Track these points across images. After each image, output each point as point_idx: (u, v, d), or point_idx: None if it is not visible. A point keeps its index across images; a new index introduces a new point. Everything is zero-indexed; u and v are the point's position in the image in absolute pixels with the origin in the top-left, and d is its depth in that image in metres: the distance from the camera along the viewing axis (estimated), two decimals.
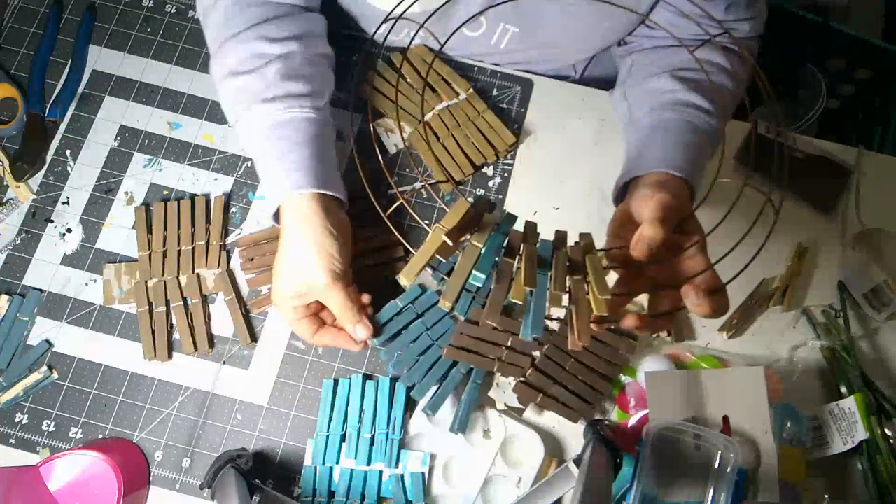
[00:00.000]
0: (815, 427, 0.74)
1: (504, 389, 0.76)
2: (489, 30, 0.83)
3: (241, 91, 0.72)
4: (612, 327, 0.76)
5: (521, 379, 0.75)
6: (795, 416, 0.73)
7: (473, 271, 0.48)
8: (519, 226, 0.55)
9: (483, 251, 0.49)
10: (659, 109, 0.71)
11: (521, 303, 0.48)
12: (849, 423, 0.72)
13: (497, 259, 0.50)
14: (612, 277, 0.59)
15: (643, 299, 0.59)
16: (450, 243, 0.48)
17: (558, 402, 0.74)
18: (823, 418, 0.74)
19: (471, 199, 0.53)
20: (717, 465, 0.69)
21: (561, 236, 0.55)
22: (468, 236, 0.51)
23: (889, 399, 0.74)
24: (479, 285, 0.48)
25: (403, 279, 0.48)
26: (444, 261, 0.50)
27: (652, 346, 0.78)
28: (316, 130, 0.71)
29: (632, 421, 0.74)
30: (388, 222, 0.56)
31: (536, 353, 0.76)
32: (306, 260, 0.67)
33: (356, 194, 0.82)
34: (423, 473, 0.73)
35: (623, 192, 0.69)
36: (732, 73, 0.74)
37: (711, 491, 0.68)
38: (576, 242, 0.56)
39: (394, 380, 0.76)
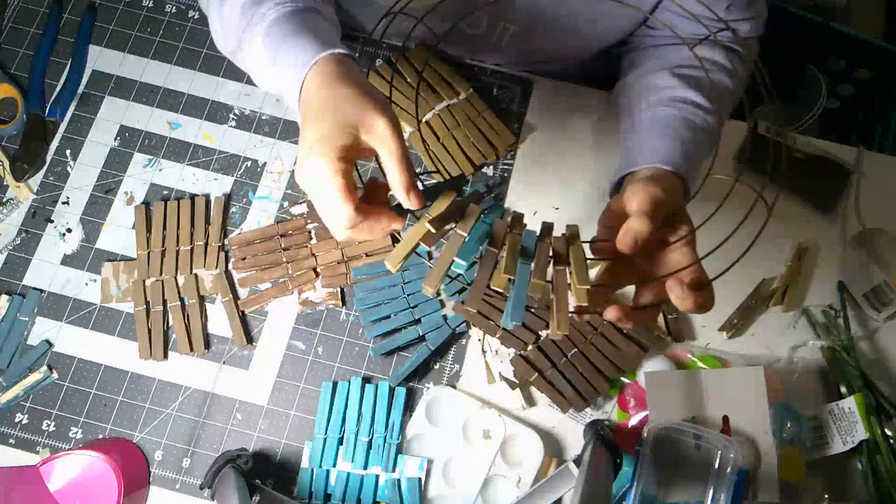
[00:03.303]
0: (815, 427, 0.74)
1: (502, 358, 0.77)
2: (489, 29, 0.83)
3: (245, 5, 0.65)
4: (624, 331, 0.76)
5: (521, 353, 0.75)
6: (795, 416, 0.73)
7: (455, 258, 0.49)
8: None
9: (466, 239, 0.50)
10: (656, 105, 0.71)
11: (502, 290, 0.48)
12: (849, 423, 0.72)
13: (481, 248, 0.51)
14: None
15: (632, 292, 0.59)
16: (433, 231, 0.48)
17: (552, 387, 0.74)
18: (823, 418, 0.74)
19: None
20: (717, 465, 0.69)
21: (547, 227, 0.55)
22: (453, 225, 0.51)
23: (889, 399, 0.74)
24: (462, 272, 0.49)
25: (388, 265, 0.49)
26: (429, 249, 0.50)
27: (652, 345, 0.77)
28: (319, 18, 0.64)
29: (632, 421, 0.74)
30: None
31: (543, 333, 0.76)
32: (355, 99, 0.53)
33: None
34: (419, 479, 0.73)
35: (619, 187, 0.69)
36: (732, 71, 0.74)
37: (711, 491, 0.68)
38: (562, 234, 0.56)
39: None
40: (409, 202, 0.53)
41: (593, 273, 0.55)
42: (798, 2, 1.20)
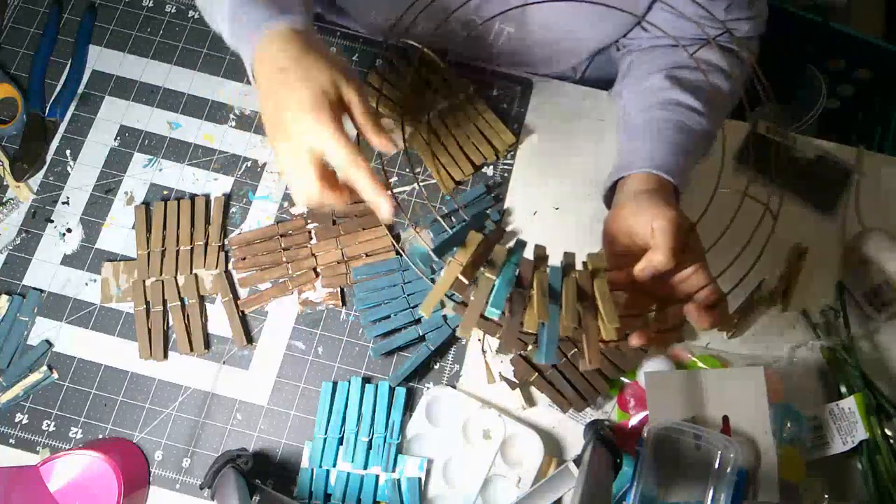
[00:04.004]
0: (815, 427, 0.74)
1: (502, 358, 0.77)
2: (486, 31, 0.83)
3: None
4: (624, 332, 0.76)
5: (521, 353, 0.75)
6: (795, 416, 0.73)
7: (489, 307, 0.49)
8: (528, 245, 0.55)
9: (497, 285, 0.50)
10: (650, 108, 0.71)
11: (534, 332, 0.49)
12: (849, 423, 0.72)
13: (510, 290, 0.51)
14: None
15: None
16: (465, 281, 0.49)
17: (552, 387, 0.74)
18: (823, 418, 0.74)
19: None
20: (717, 465, 0.69)
21: (570, 261, 0.56)
22: (482, 269, 0.52)
23: (889, 399, 0.74)
24: (496, 318, 0.50)
25: (423, 311, 0.50)
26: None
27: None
28: None
29: (632, 421, 0.74)
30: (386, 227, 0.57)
31: None
32: (329, 64, 0.56)
33: (355, 197, 0.82)
34: (419, 479, 0.72)
35: (613, 190, 0.69)
36: (729, 73, 0.74)
37: (711, 491, 0.68)
38: (584, 263, 0.56)
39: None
40: (378, 144, 0.57)
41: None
42: (798, 2, 1.20)
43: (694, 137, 0.69)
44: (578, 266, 0.56)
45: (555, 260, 0.56)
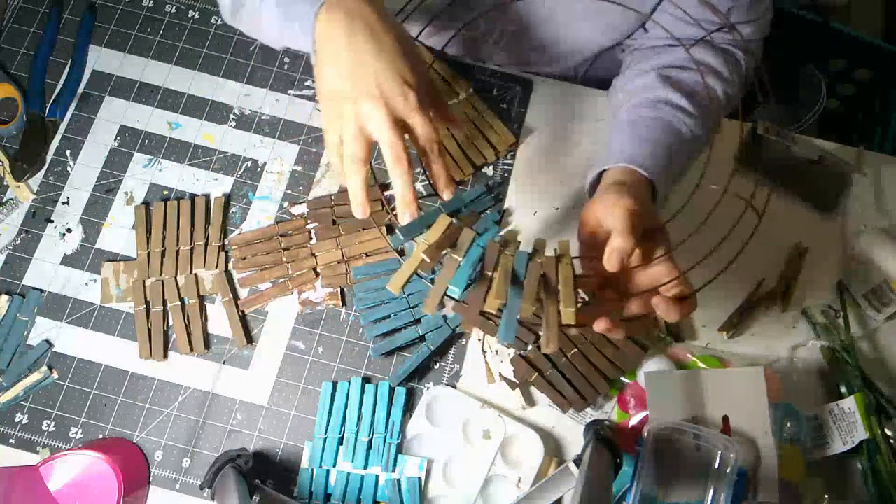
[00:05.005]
0: (815, 427, 0.74)
1: (502, 358, 0.77)
2: (488, 30, 0.83)
3: None
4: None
5: (521, 353, 0.75)
6: (795, 416, 0.73)
7: (449, 285, 0.52)
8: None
9: (460, 265, 0.52)
10: (638, 106, 0.71)
11: (494, 312, 0.50)
12: (849, 423, 0.72)
13: (476, 269, 0.53)
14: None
15: None
16: (428, 261, 0.51)
17: (552, 387, 0.75)
18: (823, 418, 0.74)
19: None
20: (717, 465, 0.69)
21: (538, 246, 0.57)
22: (449, 250, 0.53)
23: (889, 399, 0.74)
24: (456, 297, 0.51)
25: (391, 289, 0.52)
26: (426, 275, 0.54)
27: (652, 345, 0.77)
28: None
29: (632, 421, 0.74)
30: (378, 226, 0.58)
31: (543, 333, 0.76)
32: (398, 34, 0.57)
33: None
34: (419, 479, 0.72)
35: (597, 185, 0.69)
36: (724, 77, 0.74)
37: (711, 491, 0.68)
38: (554, 250, 0.57)
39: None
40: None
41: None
42: (798, 2, 1.20)
43: (679, 138, 0.69)
44: (550, 253, 0.57)
45: (547, 253, 0.57)
